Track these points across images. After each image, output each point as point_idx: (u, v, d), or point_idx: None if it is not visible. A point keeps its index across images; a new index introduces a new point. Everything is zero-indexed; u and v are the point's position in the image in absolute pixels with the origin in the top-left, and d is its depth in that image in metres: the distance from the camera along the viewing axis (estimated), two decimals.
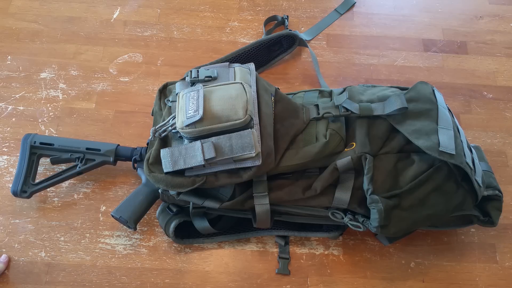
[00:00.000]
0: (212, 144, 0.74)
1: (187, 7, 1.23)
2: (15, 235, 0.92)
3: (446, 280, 0.89)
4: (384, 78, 1.13)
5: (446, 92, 1.10)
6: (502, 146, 1.04)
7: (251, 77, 0.86)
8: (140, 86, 1.10)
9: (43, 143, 0.91)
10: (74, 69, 1.11)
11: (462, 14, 1.24)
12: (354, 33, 1.20)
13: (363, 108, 0.83)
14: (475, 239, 0.93)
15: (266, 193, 0.80)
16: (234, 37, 1.18)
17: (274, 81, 1.10)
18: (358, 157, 0.78)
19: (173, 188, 0.77)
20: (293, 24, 1.21)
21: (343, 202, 0.80)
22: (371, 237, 0.93)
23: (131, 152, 0.92)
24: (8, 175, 0.98)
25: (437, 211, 0.78)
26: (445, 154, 0.75)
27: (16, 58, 1.13)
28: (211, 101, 0.76)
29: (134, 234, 0.93)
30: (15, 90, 1.08)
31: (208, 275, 0.89)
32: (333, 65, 1.15)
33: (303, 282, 0.89)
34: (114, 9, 1.21)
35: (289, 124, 0.83)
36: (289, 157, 0.80)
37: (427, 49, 1.18)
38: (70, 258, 0.90)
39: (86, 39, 1.16)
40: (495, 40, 1.20)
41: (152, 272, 0.89)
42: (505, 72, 1.15)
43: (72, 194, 0.96)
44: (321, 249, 0.92)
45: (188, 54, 1.15)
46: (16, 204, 0.95)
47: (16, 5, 1.20)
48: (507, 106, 1.10)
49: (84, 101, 1.07)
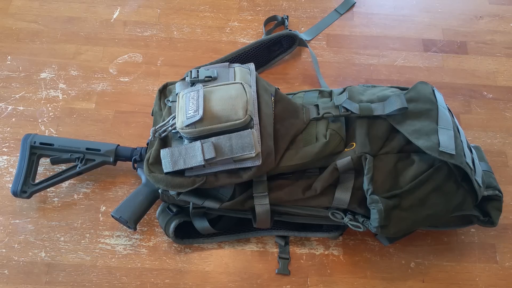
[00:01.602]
0: (212, 144, 0.74)
1: (187, 7, 1.23)
2: (15, 235, 0.92)
3: (446, 280, 0.89)
4: (384, 78, 1.13)
5: (446, 92, 1.10)
6: (502, 146, 1.04)
7: (251, 77, 0.85)
8: (140, 86, 1.10)
9: (43, 143, 0.91)
10: (74, 69, 1.11)
11: (462, 14, 1.24)
12: (354, 33, 1.20)
13: (363, 108, 0.83)
14: (475, 239, 0.93)
15: (266, 193, 0.80)
16: (234, 37, 1.18)
17: (274, 81, 1.10)
18: (358, 157, 0.78)
19: (173, 188, 0.77)
20: (293, 24, 1.21)
21: (343, 202, 0.80)
22: (371, 237, 0.93)
23: (131, 152, 0.92)
24: (8, 175, 0.98)
25: (437, 211, 0.78)
26: (445, 154, 0.75)
27: (16, 58, 1.13)
28: (211, 101, 0.76)
29: (134, 234, 0.93)
30: (15, 90, 1.08)
31: (208, 275, 0.89)
32: (333, 65, 1.15)
33: (303, 282, 0.89)
34: (114, 9, 1.21)
35: (289, 124, 0.83)
36: (289, 157, 0.80)
37: (427, 49, 1.18)
38: (70, 258, 0.90)
39: (86, 39, 1.16)
40: (495, 40, 1.19)
41: (152, 272, 0.89)
42: (505, 72, 1.15)
43: (72, 194, 0.96)
44: (321, 249, 0.92)
45: (188, 54, 1.15)
46: (16, 204, 0.95)
47: (16, 5, 1.20)
48: (507, 106, 1.10)
49: (84, 101, 1.07)
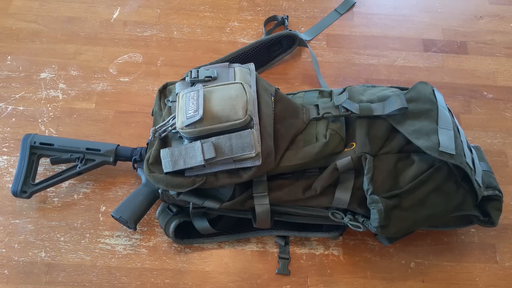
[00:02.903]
0: (212, 144, 0.74)
1: (187, 7, 1.23)
2: (15, 235, 0.92)
3: (446, 280, 0.89)
4: (384, 78, 1.13)
5: (446, 92, 1.10)
6: (502, 146, 1.04)
7: (251, 77, 0.85)
8: (140, 86, 1.10)
9: (43, 143, 0.91)
10: (74, 69, 1.11)
11: (462, 14, 1.24)
12: (354, 33, 1.20)
13: (363, 108, 0.83)
14: (475, 239, 0.93)
15: (266, 193, 0.80)
16: (234, 37, 1.18)
17: (274, 81, 1.09)
18: (358, 157, 0.78)
19: (173, 188, 0.77)
20: (293, 24, 1.21)
21: (343, 202, 0.80)
22: (371, 237, 0.93)
23: (131, 152, 0.92)
24: (8, 175, 0.98)
25: (437, 211, 0.78)
26: (445, 154, 0.75)
27: (16, 58, 1.13)
28: (211, 101, 0.76)
29: (134, 234, 0.93)
30: (15, 90, 1.08)
31: (208, 275, 0.89)
32: (333, 65, 1.15)
33: (303, 282, 0.89)
34: (114, 9, 1.21)
35: (289, 124, 0.83)
36: (289, 157, 0.80)
37: (427, 49, 1.18)
38: (70, 258, 0.90)
39: (86, 39, 1.16)
40: (495, 40, 1.19)
41: (152, 272, 0.89)
42: (505, 72, 1.15)
43: (72, 194, 0.96)
44: (321, 249, 0.92)
45: (188, 54, 1.15)
46: (16, 204, 0.95)
47: (16, 5, 1.20)
48: (507, 106, 1.10)
49: (84, 101, 1.07)
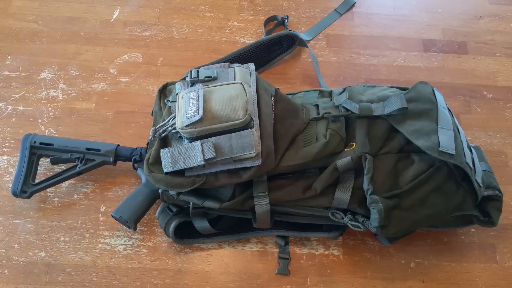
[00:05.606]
0: (212, 144, 0.74)
1: (187, 7, 1.23)
2: (15, 235, 0.92)
3: (446, 280, 0.89)
4: (384, 78, 1.13)
5: (446, 92, 1.10)
6: (502, 146, 1.04)
7: (251, 77, 0.85)
8: (140, 86, 1.10)
9: (43, 143, 0.91)
10: (74, 69, 1.11)
11: (462, 14, 1.24)
12: (354, 33, 1.20)
13: (363, 108, 0.83)
14: (475, 239, 0.93)
15: (266, 193, 0.80)
16: (234, 37, 1.18)
17: (274, 81, 1.10)
18: (358, 157, 0.78)
19: (173, 188, 0.77)
20: (293, 24, 1.21)
21: (343, 202, 0.80)
22: (371, 237, 0.93)
23: (131, 152, 0.92)
24: (8, 175, 0.98)
25: (437, 211, 0.78)
26: (445, 154, 0.75)
27: (16, 58, 1.13)
28: (211, 101, 0.76)
29: (134, 234, 0.93)
30: (15, 90, 1.08)
31: (208, 275, 0.89)
32: (333, 65, 1.15)
33: (303, 282, 0.89)
34: (114, 9, 1.21)
35: (289, 124, 0.83)
36: (289, 157, 0.80)
37: (427, 49, 1.18)
38: (70, 258, 0.90)
39: (86, 39, 1.16)
40: (495, 40, 1.19)
41: (152, 272, 0.89)
42: (505, 72, 1.15)
43: (72, 194, 0.96)
44: (321, 249, 0.92)
45: (188, 54, 1.15)
46: (16, 204, 0.95)
47: (16, 5, 1.20)
48: (507, 106, 1.10)
49: (84, 101, 1.07)
